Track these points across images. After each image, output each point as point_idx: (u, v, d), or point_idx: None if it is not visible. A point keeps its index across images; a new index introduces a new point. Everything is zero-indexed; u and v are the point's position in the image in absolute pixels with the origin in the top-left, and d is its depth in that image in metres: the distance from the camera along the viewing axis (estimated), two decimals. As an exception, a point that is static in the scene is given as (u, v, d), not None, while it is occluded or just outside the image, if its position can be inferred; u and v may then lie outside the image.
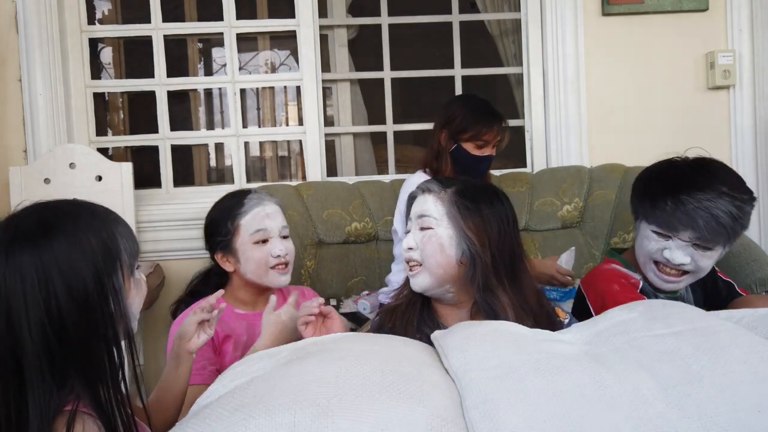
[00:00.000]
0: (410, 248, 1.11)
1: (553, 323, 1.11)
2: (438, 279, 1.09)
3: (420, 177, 1.78)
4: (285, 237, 1.42)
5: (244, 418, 0.66)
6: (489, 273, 1.07)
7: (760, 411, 0.65)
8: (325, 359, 0.77)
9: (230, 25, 2.44)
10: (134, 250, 0.86)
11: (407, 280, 1.17)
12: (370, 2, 2.63)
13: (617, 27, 2.43)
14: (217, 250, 1.41)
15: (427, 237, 1.09)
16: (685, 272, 1.27)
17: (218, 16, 2.44)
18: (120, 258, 0.82)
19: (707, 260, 1.25)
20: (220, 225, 1.40)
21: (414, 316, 1.13)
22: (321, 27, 2.49)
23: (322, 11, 2.56)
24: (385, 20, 2.54)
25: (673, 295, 1.35)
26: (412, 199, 1.18)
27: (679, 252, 1.23)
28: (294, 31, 2.44)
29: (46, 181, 2.19)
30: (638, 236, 1.33)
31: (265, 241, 1.37)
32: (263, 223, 1.37)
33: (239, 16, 2.45)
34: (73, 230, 0.80)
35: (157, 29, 2.41)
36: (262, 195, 1.43)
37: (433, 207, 1.11)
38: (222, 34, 2.45)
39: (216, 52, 4.04)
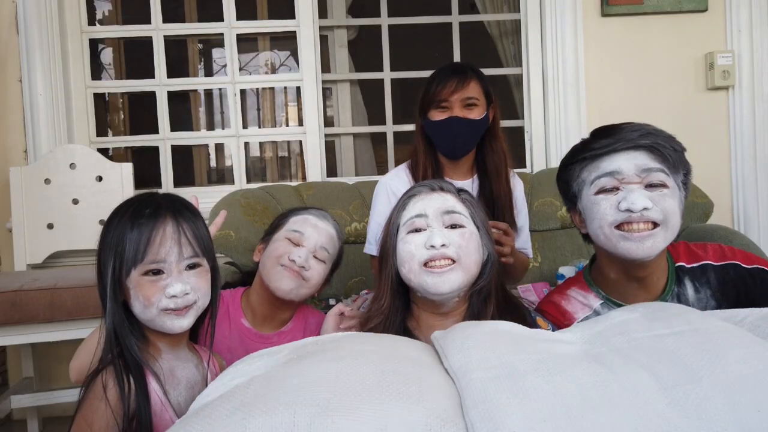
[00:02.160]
0: (444, 245, 1.02)
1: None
2: (470, 278, 1.05)
3: (399, 171, 1.61)
4: (319, 259, 1.30)
5: (244, 417, 0.66)
6: (493, 275, 1.08)
7: (759, 411, 0.65)
8: (326, 359, 0.77)
9: (230, 26, 2.44)
10: (135, 256, 0.92)
11: (382, 291, 1.09)
12: (370, 3, 2.63)
13: (617, 28, 2.43)
14: (261, 240, 1.38)
15: (468, 234, 1.04)
16: (654, 226, 1.06)
17: (218, 17, 2.45)
18: (121, 257, 0.93)
19: (669, 200, 1.06)
20: (277, 218, 1.39)
21: (392, 332, 1.05)
22: (321, 27, 2.50)
23: (322, 12, 2.56)
24: (385, 21, 2.55)
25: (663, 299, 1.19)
26: (409, 197, 1.11)
27: (635, 195, 1.04)
28: (294, 32, 2.45)
29: (47, 181, 2.19)
30: (586, 217, 1.13)
31: (296, 245, 1.29)
32: (305, 228, 1.30)
33: (239, 17, 2.46)
34: (111, 220, 0.97)
35: (158, 30, 2.41)
36: (327, 215, 1.37)
37: (458, 205, 1.07)
38: (222, 34, 2.45)
39: (216, 52, 4.04)
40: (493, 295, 1.08)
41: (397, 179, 1.57)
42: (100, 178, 2.20)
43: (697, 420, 0.65)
